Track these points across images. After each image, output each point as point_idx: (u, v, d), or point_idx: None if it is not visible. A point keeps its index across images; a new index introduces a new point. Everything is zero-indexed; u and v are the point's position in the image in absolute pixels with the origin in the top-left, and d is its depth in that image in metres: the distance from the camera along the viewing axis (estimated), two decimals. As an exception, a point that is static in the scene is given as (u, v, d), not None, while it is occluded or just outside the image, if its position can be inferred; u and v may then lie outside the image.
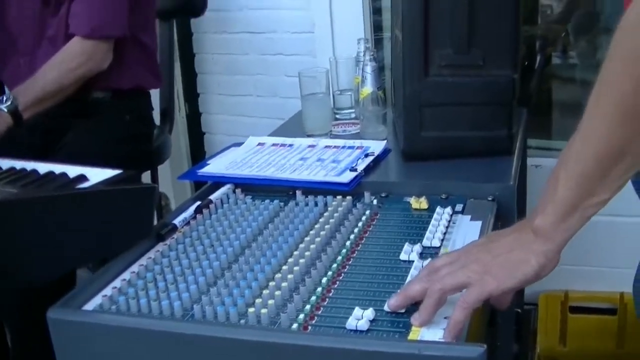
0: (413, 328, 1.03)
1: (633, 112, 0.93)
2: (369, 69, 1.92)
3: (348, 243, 1.33)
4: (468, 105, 1.71)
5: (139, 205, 1.36)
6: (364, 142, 1.85)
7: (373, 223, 1.43)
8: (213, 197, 1.58)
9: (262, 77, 3.07)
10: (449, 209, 1.44)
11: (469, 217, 1.42)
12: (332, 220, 1.40)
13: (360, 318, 1.05)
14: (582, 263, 2.47)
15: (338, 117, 2.16)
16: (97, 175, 1.44)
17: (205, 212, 1.50)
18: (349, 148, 1.82)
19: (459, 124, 1.73)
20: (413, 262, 1.24)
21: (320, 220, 1.41)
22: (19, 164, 1.54)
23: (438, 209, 1.44)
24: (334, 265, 1.25)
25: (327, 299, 1.14)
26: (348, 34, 2.67)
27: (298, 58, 2.91)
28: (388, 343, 1.00)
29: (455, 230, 1.37)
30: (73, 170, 1.46)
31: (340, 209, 1.46)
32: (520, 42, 1.74)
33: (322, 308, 1.12)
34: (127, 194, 1.35)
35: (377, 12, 2.88)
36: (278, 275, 1.20)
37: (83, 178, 1.43)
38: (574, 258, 1.26)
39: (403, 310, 1.08)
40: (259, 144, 1.92)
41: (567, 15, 3.54)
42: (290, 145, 1.88)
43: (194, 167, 1.81)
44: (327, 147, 1.85)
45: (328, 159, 1.74)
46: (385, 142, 1.86)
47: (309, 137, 1.98)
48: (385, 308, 1.09)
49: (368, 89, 1.93)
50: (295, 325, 1.07)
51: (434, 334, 1.01)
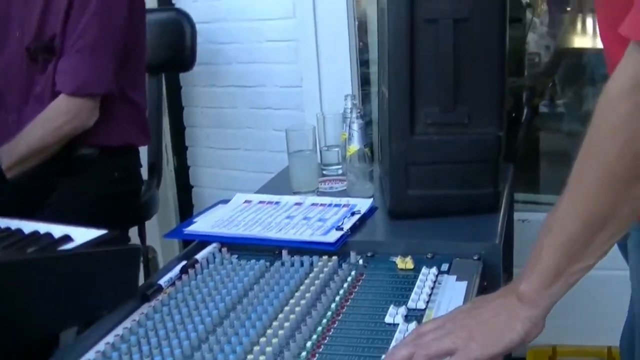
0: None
1: (617, 179, 0.93)
2: (356, 127, 1.93)
3: (333, 305, 1.32)
4: (454, 164, 1.72)
5: (124, 266, 1.35)
6: (351, 200, 1.86)
7: (358, 284, 1.42)
8: (199, 256, 1.57)
9: (250, 130, 3.07)
10: (435, 269, 1.44)
11: (455, 277, 1.42)
12: (317, 282, 1.40)
13: (345, 384, 1.05)
14: (569, 317, 2.46)
15: (325, 173, 2.17)
16: (82, 236, 1.43)
17: (191, 272, 1.50)
18: (336, 206, 1.82)
19: (445, 182, 1.73)
20: (398, 325, 1.23)
21: (306, 282, 1.41)
22: (3, 223, 1.53)
23: (424, 269, 1.44)
24: (319, 329, 1.24)
25: (311, 364, 1.14)
26: (336, 89, 2.69)
27: (286, 112, 2.92)
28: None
29: (441, 292, 1.36)
30: (58, 230, 1.45)
31: (326, 270, 1.46)
32: (506, 100, 1.75)
33: (306, 373, 1.11)
34: (112, 256, 1.34)
35: (364, 64, 2.90)
36: (263, 339, 1.20)
37: (68, 238, 1.42)
38: (562, 312, 1.26)
39: (388, 376, 1.07)
40: (246, 202, 1.92)
41: (554, 67, 3.57)
42: (277, 203, 1.88)
43: (181, 225, 1.81)
44: (313, 205, 1.85)
45: (314, 218, 1.74)
46: (372, 199, 1.86)
47: (296, 194, 1.98)
48: (371, 374, 1.09)
49: (355, 147, 1.93)
50: (280, 392, 1.06)
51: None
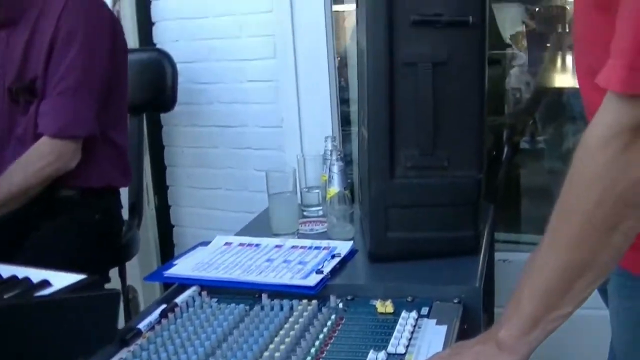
0: None
1: (596, 227, 0.94)
2: (336, 169, 1.94)
3: (313, 350, 1.32)
4: (434, 206, 1.73)
5: (103, 312, 1.35)
6: (331, 242, 1.86)
7: (338, 328, 1.42)
8: (179, 300, 1.56)
9: (231, 170, 3.07)
10: (415, 313, 1.44)
11: (435, 320, 1.42)
12: (297, 326, 1.39)
13: None
14: (549, 357, 2.46)
15: (305, 214, 2.17)
16: (61, 281, 1.42)
17: (171, 316, 1.49)
18: (316, 249, 1.82)
19: (425, 225, 1.74)
20: (378, 370, 1.23)
21: (286, 326, 1.40)
22: (-18, 265, 1.52)
23: (403, 313, 1.44)
24: (299, 375, 1.24)
25: (290, 412, 1.13)
26: (316, 129, 2.70)
27: (267, 152, 2.93)
28: None
29: (421, 336, 1.36)
30: (36, 275, 1.45)
31: (306, 314, 1.45)
32: (485, 143, 1.77)
33: (285, 421, 1.10)
34: (90, 301, 1.33)
35: (345, 102, 2.92)
36: (242, 386, 1.19)
37: (46, 283, 1.41)
38: (542, 353, 1.26)
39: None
40: (226, 244, 1.92)
41: (534, 105, 3.60)
42: (257, 246, 1.88)
43: (161, 267, 1.81)
44: (293, 247, 1.85)
45: (294, 260, 1.74)
46: (352, 242, 1.86)
47: (276, 236, 1.98)
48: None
49: (335, 189, 1.94)
50: None
51: None
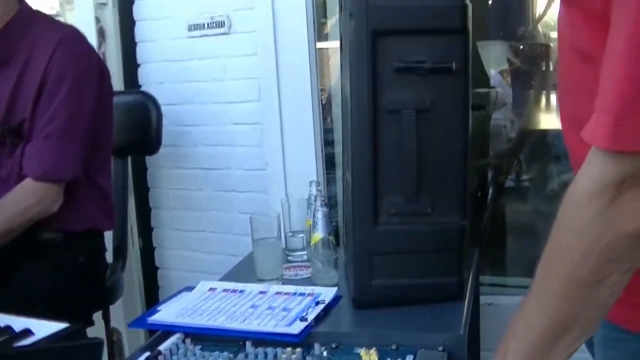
0: None
1: (581, 283, 0.95)
2: (320, 215, 1.94)
3: (297, 401, 1.31)
4: (418, 253, 1.73)
5: (85, 361, 1.34)
6: (315, 288, 1.85)
7: (323, 378, 1.42)
8: (162, 347, 1.55)
9: (216, 213, 3.07)
10: (399, 362, 1.44)
11: (419, 369, 1.42)
12: (281, 376, 1.39)
13: None
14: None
15: (290, 258, 2.16)
16: (43, 329, 1.42)
17: (154, 364, 1.48)
18: (300, 295, 1.81)
19: (409, 272, 1.73)
20: (362, 423, 1.22)
21: (269, 376, 1.40)
22: (-36, 314, 1.52)
23: (388, 362, 1.44)
24: None
25: None
26: (300, 173, 2.71)
27: (252, 195, 2.93)
28: None
29: (405, 386, 1.36)
30: (19, 323, 1.44)
31: (290, 363, 1.45)
32: (468, 189, 1.77)
33: None
34: (72, 351, 1.33)
35: (329, 144, 2.92)
36: None
37: (28, 332, 1.41)
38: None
39: None
40: (210, 289, 1.91)
41: (519, 146, 3.63)
42: (241, 292, 1.87)
43: (145, 313, 1.80)
44: (278, 293, 1.84)
45: (279, 307, 1.73)
46: (337, 288, 1.85)
47: (260, 281, 1.97)
48: None
49: (319, 235, 1.94)
50: None
51: None
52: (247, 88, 2.88)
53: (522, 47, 3.81)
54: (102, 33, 3.23)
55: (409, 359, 1.46)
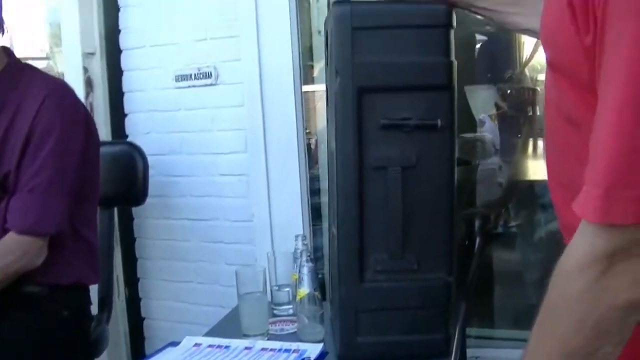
0: None
1: (573, 355, 0.94)
2: (306, 270, 1.93)
3: None
4: (404, 310, 1.73)
5: None
6: (301, 344, 1.84)
7: None
8: (146, 406, 1.54)
9: (203, 264, 3.05)
10: (385, 422, 1.42)
11: None
12: None
13: None
14: None
15: (276, 312, 2.16)
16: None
17: None
18: (286, 351, 1.81)
19: (395, 328, 1.73)
20: None
21: None
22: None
23: (373, 423, 1.42)
24: None
25: None
26: (287, 225, 2.70)
27: (239, 246, 2.91)
28: None
29: None
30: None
31: None
32: (455, 245, 1.77)
33: None
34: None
35: (316, 193, 2.92)
36: None
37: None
38: None
39: None
40: (196, 345, 1.90)
41: (508, 196, 3.62)
42: (227, 347, 1.86)
43: (128, 370, 1.78)
44: (263, 349, 1.83)
45: (264, 364, 1.73)
46: (322, 344, 1.84)
47: (246, 336, 1.96)
48: None
49: (305, 290, 1.93)
50: None
51: None
52: (234, 139, 2.88)
53: (509, 91, 3.81)
54: (89, 83, 3.24)
55: (395, 419, 1.45)
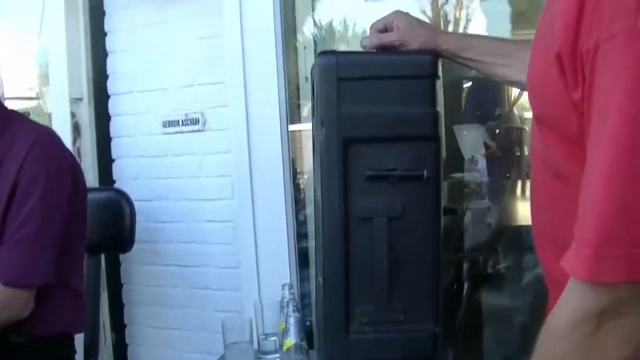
0: None
1: None
2: (292, 320, 1.93)
3: None
4: (390, 361, 1.71)
5: None
6: (287, 397, 1.83)
7: None
8: None
9: (191, 310, 3.03)
10: None
11: None
12: None
13: None
14: None
15: (262, 362, 2.14)
16: None
17: None
18: (272, 403, 1.79)
19: (382, 380, 1.72)
20: None
21: None
22: None
23: None
24: None
25: None
26: (274, 272, 2.69)
27: (226, 293, 2.90)
28: None
29: None
30: None
31: None
32: (442, 295, 1.76)
33: None
34: None
35: (304, 238, 2.91)
36: None
37: None
38: None
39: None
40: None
41: (496, 239, 3.62)
42: (213, 399, 1.85)
43: None
44: (249, 403, 1.81)
45: (250, 418, 1.71)
46: (309, 396, 1.83)
47: (232, 389, 1.95)
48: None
49: (291, 340, 1.93)
50: None
51: None
52: (221, 185, 2.88)
53: (497, 131, 3.82)
54: (77, 128, 3.24)
55: None
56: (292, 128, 2.88)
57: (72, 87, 3.20)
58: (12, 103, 3.75)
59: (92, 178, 3.18)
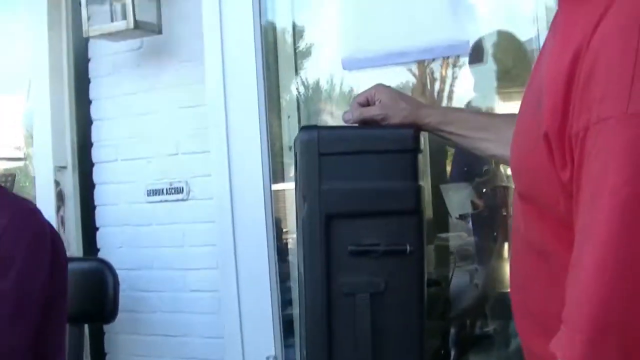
0: None
1: None
2: (276, 398, 1.90)
3: None
4: None
5: None
6: None
7: None
8: None
9: (176, 380, 3.01)
10: None
11: None
12: None
13: None
14: None
15: None
16: None
17: None
18: None
19: None
20: None
21: None
22: None
23: None
24: None
25: None
26: (258, 343, 2.67)
27: (211, 364, 2.88)
28: None
29: None
30: None
31: None
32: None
33: None
34: None
35: (289, 304, 2.89)
36: None
37: None
38: None
39: None
40: None
41: (483, 304, 3.60)
42: None
43: None
44: None
45: None
46: None
47: None
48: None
49: (275, 419, 1.89)
50: None
51: None
52: (205, 255, 2.87)
53: (484, 190, 3.81)
54: (60, 196, 3.23)
55: None
56: (276, 187, 2.88)
57: (56, 155, 3.21)
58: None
59: (75, 246, 3.17)
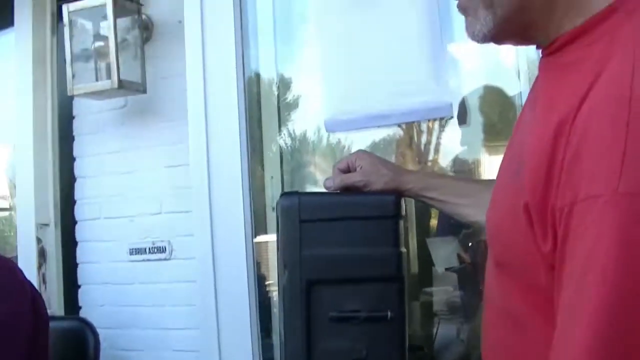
0: None
1: None
2: None
3: None
4: None
5: None
6: None
7: None
8: None
9: None
10: None
11: None
12: None
13: None
14: None
15: None
16: None
17: None
18: None
19: None
20: None
21: None
22: None
23: None
24: None
25: None
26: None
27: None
28: None
29: None
30: None
31: None
32: None
33: None
34: None
35: (269, 348, 2.87)
36: None
37: None
38: None
39: None
40: None
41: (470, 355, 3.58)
42: None
43: None
44: None
45: None
46: None
47: None
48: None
49: None
50: None
51: None
52: (186, 315, 2.85)
53: (470, 244, 3.81)
54: (42, 253, 3.22)
55: None
56: (259, 239, 2.88)
57: (38, 212, 3.20)
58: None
59: (57, 304, 3.16)
